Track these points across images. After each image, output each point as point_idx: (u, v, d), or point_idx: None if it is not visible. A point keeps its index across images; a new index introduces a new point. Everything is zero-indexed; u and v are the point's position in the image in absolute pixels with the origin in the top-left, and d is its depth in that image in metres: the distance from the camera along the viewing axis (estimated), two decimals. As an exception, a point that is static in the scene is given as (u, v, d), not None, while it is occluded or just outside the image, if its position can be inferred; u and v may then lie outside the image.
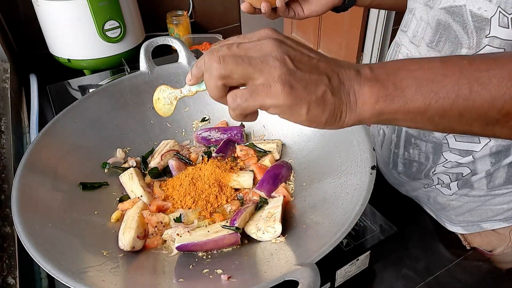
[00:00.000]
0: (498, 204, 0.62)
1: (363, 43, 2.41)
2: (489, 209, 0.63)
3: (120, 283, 0.47)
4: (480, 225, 0.65)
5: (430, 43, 0.58)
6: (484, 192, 0.61)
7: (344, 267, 0.55)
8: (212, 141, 0.73)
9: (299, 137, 0.69)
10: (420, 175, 0.66)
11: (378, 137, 0.74)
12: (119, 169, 0.67)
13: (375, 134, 0.76)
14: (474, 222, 0.65)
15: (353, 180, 0.53)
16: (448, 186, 0.64)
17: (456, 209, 0.65)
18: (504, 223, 0.63)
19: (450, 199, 0.65)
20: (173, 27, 1.37)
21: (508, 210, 0.62)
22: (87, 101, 0.69)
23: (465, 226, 0.66)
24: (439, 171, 0.64)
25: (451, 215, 0.66)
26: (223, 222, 0.56)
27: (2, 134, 0.80)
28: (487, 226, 0.64)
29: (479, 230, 0.65)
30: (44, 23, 1.13)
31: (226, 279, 0.46)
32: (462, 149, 0.59)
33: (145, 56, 0.74)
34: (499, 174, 0.59)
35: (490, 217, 0.64)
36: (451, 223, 0.68)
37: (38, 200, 0.53)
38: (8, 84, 0.99)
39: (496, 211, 0.62)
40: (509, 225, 0.63)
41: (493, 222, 0.64)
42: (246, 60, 0.33)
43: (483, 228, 0.65)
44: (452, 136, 0.59)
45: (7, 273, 0.55)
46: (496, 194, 0.61)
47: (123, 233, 0.55)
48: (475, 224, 0.65)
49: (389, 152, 0.70)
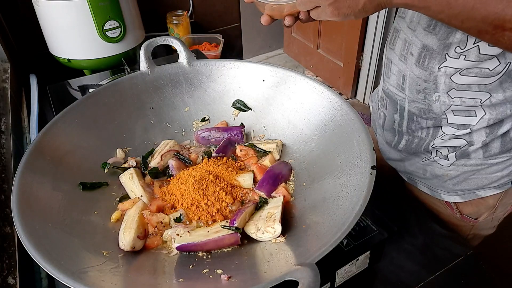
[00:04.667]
0: (493, 172, 0.66)
1: (363, 43, 2.41)
2: (485, 177, 0.67)
3: (120, 283, 0.47)
4: (476, 192, 0.69)
5: (427, 27, 0.62)
6: (480, 161, 0.66)
7: (344, 267, 0.55)
8: (212, 141, 0.73)
9: (299, 137, 0.69)
10: (420, 149, 0.71)
11: (379, 119, 0.79)
12: (119, 169, 0.67)
13: (376, 118, 0.81)
14: (470, 190, 0.69)
15: (353, 180, 0.53)
16: (446, 157, 0.68)
17: (453, 179, 0.69)
18: (497, 189, 0.68)
19: (447, 170, 0.69)
20: (173, 27, 1.37)
21: (502, 178, 0.67)
22: (87, 101, 0.69)
23: (462, 195, 0.70)
24: (438, 144, 0.68)
25: (448, 185, 0.70)
26: (223, 222, 0.56)
27: (2, 134, 0.80)
28: (481, 194, 0.69)
29: (475, 197, 0.69)
30: (44, 23, 1.13)
31: (226, 279, 0.46)
32: (460, 123, 0.64)
33: (145, 56, 0.74)
34: (495, 144, 0.64)
35: (485, 185, 0.68)
36: (447, 193, 0.72)
37: (38, 200, 0.53)
38: (8, 84, 0.99)
39: (491, 179, 0.67)
40: (500, 191, 0.68)
41: (487, 189, 0.68)
42: None
43: (478, 196, 0.69)
44: (451, 111, 0.64)
45: (7, 273, 0.55)
46: (491, 163, 0.65)
47: (123, 233, 0.55)
48: (471, 192, 0.69)
49: (392, 131, 0.75)
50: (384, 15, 2.19)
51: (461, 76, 0.61)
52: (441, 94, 0.64)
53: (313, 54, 2.86)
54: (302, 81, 0.69)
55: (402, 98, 0.71)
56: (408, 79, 0.69)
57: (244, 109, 0.76)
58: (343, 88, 2.70)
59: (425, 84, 0.66)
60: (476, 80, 0.61)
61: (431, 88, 0.65)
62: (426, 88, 0.66)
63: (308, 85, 0.68)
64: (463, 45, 0.59)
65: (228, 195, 0.60)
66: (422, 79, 0.66)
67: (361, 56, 2.47)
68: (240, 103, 0.76)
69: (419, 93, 0.67)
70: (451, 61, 0.61)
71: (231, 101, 0.76)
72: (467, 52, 0.59)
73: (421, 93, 0.67)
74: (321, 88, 0.67)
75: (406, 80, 0.69)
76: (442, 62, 0.62)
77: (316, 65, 2.89)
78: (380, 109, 0.77)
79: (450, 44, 0.60)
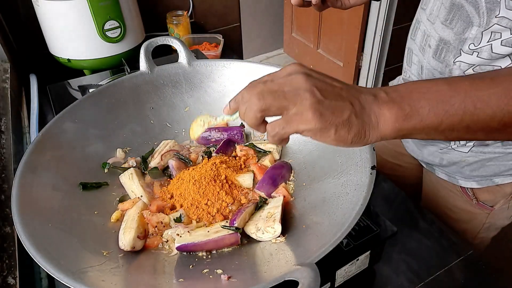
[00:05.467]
0: (510, 160, 0.67)
1: (363, 43, 2.41)
2: (502, 164, 0.68)
3: (120, 283, 0.47)
4: (493, 179, 0.70)
5: (444, 21, 0.64)
6: (499, 149, 0.66)
7: (344, 267, 0.55)
8: (212, 141, 0.73)
9: (299, 137, 0.69)
10: None
11: None
12: (119, 169, 0.67)
13: None
14: (487, 177, 0.70)
15: (353, 180, 0.53)
16: (465, 145, 0.69)
17: (471, 165, 0.70)
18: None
19: (465, 157, 0.69)
20: (173, 27, 1.37)
21: None
22: (87, 101, 0.69)
23: (479, 181, 0.71)
24: None
25: (465, 171, 0.71)
26: (223, 222, 0.56)
27: (2, 134, 0.80)
28: (498, 181, 0.70)
29: (491, 184, 0.70)
30: (44, 23, 1.13)
31: (226, 279, 0.46)
32: None
33: (145, 56, 0.74)
34: None
35: (502, 172, 0.68)
36: (465, 179, 0.73)
37: (38, 200, 0.53)
38: (8, 84, 0.99)
39: (509, 166, 0.67)
40: None
41: (504, 176, 0.69)
42: (281, 95, 0.38)
43: (495, 183, 0.70)
44: None
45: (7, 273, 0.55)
46: (509, 152, 0.66)
47: (124, 233, 0.55)
48: (488, 179, 0.70)
49: None
50: (384, 15, 2.19)
51: (474, 72, 0.63)
52: None
53: (313, 54, 2.86)
54: (302, 81, 0.69)
55: None
56: (425, 70, 0.71)
57: (244, 109, 0.76)
58: (343, 88, 2.70)
59: (440, 76, 0.68)
60: None
61: None
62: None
63: (308, 85, 0.68)
64: (477, 42, 0.60)
65: (228, 195, 0.60)
66: (438, 71, 0.68)
67: (361, 56, 2.47)
68: (240, 103, 0.76)
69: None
70: (465, 57, 0.62)
71: (231, 101, 0.76)
72: (480, 49, 0.60)
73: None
74: (321, 88, 0.66)
75: (423, 71, 0.72)
76: (457, 57, 0.63)
77: (316, 65, 2.89)
78: None
79: (465, 39, 0.61)
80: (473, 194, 0.73)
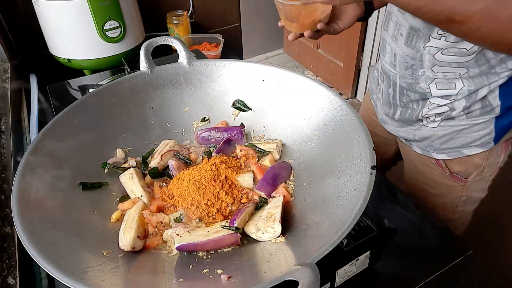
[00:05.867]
0: (475, 131, 0.75)
1: (363, 43, 2.41)
2: (468, 136, 0.76)
3: (120, 283, 0.47)
4: (461, 151, 0.78)
5: None
6: (464, 121, 0.75)
7: (344, 267, 0.55)
8: (212, 141, 0.73)
9: (299, 137, 0.69)
10: (412, 118, 0.81)
11: (379, 93, 0.89)
12: (119, 169, 0.67)
13: (376, 93, 0.91)
14: (456, 148, 0.78)
15: (353, 180, 0.53)
16: (434, 121, 0.78)
17: (440, 138, 0.79)
18: (480, 148, 0.77)
19: (435, 131, 0.79)
20: (173, 27, 1.37)
21: (484, 136, 0.75)
22: (87, 101, 0.69)
23: (448, 153, 0.79)
24: (426, 113, 0.78)
25: (436, 144, 0.80)
26: (223, 222, 0.56)
27: (2, 134, 0.80)
28: (467, 152, 0.78)
29: (460, 155, 0.78)
30: (44, 23, 1.13)
31: (226, 279, 0.46)
32: (443, 94, 0.74)
33: (145, 56, 0.74)
34: (475, 108, 0.73)
35: (469, 143, 0.76)
36: (436, 152, 0.81)
37: (38, 200, 0.53)
38: (8, 84, 0.99)
39: (474, 137, 0.76)
40: (484, 151, 0.77)
41: (471, 147, 0.77)
42: None
43: (463, 154, 0.78)
44: (434, 84, 0.74)
45: (7, 273, 0.55)
46: (474, 123, 0.74)
47: (124, 233, 0.55)
48: (456, 150, 0.78)
49: (389, 104, 0.85)
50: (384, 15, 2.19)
51: (442, 54, 0.70)
52: (426, 70, 0.74)
53: (313, 54, 2.86)
54: (302, 81, 0.69)
55: (394, 74, 0.81)
56: (398, 57, 0.78)
57: (244, 109, 0.76)
58: (343, 88, 2.70)
59: (412, 61, 0.75)
60: (455, 58, 0.70)
61: (417, 64, 0.75)
62: (413, 65, 0.75)
63: (308, 85, 0.68)
64: None
65: (228, 195, 0.60)
66: (410, 57, 0.75)
67: (361, 56, 2.47)
68: (240, 103, 0.76)
69: (407, 69, 0.77)
70: (434, 41, 0.70)
71: (231, 101, 0.76)
72: (447, 34, 0.67)
73: (409, 69, 0.77)
74: (321, 88, 0.67)
75: (397, 58, 0.79)
76: (427, 42, 0.71)
77: (316, 65, 2.89)
78: (380, 84, 0.88)
79: (433, 26, 0.68)
80: (446, 166, 0.81)
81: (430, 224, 0.72)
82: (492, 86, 0.70)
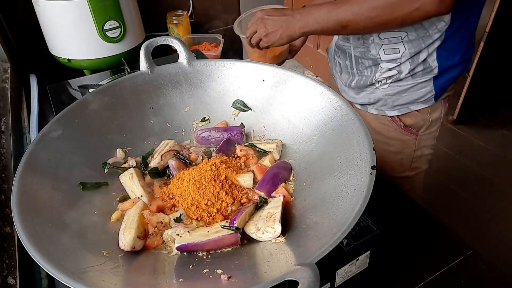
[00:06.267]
0: (419, 89, 0.87)
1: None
2: (414, 94, 0.88)
3: (120, 283, 0.47)
4: (409, 106, 0.91)
5: None
6: (410, 81, 0.87)
7: (344, 267, 0.55)
8: (212, 141, 0.73)
9: (299, 137, 0.69)
10: (367, 83, 0.92)
11: (336, 67, 1.02)
12: (119, 169, 0.67)
13: (334, 67, 1.05)
14: (405, 105, 0.91)
15: (353, 180, 0.53)
16: (385, 83, 0.90)
17: (392, 97, 0.91)
18: (423, 104, 0.90)
19: (386, 91, 0.90)
20: (173, 27, 1.37)
21: (426, 94, 0.88)
22: (87, 101, 0.69)
23: (399, 109, 0.92)
24: (378, 77, 0.89)
25: (388, 103, 0.92)
26: (223, 222, 0.56)
27: (2, 134, 0.80)
28: (413, 107, 0.90)
29: (408, 111, 0.91)
30: (44, 23, 1.13)
31: (226, 279, 0.46)
32: (390, 59, 0.86)
33: (145, 56, 0.74)
34: (418, 70, 0.85)
35: (415, 100, 0.89)
36: (389, 109, 0.93)
37: (38, 200, 0.53)
38: (8, 84, 0.99)
39: (418, 95, 0.88)
40: (427, 106, 0.90)
41: (417, 104, 0.90)
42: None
43: (411, 109, 0.91)
44: (382, 50, 0.86)
45: (7, 273, 0.55)
46: (418, 82, 0.87)
47: (124, 233, 0.55)
48: (405, 107, 0.91)
49: (347, 73, 0.97)
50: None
51: None
52: (374, 37, 0.85)
53: (313, 54, 2.85)
54: (302, 81, 0.69)
55: (348, 46, 0.93)
56: None
57: (244, 109, 0.76)
58: (343, 88, 2.70)
59: None
60: None
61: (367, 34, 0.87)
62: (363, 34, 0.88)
63: (308, 85, 0.68)
64: None
65: (228, 195, 0.60)
66: None
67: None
68: (240, 103, 0.76)
69: (359, 39, 0.89)
70: None
71: (231, 101, 0.76)
72: None
73: (361, 39, 0.88)
74: (321, 88, 0.67)
75: None
76: None
77: (316, 65, 2.89)
78: (336, 59, 1.01)
79: None
80: (400, 120, 0.93)
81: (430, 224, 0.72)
82: (430, 49, 0.82)
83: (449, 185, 1.92)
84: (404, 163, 0.99)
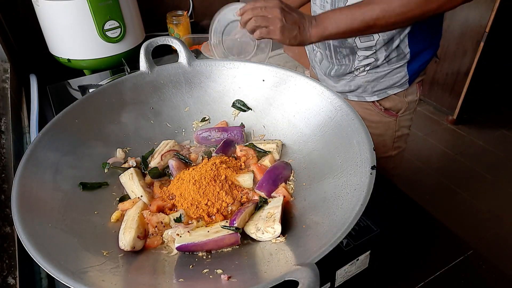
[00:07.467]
0: (394, 75, 0.92)
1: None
2: (390, 79, 0.93)
3: (120, 283, 0.47)
4: (386, 91, 0.95)
5: None
6: (386, 67, 0.92)
7: (344, 267, 0.55)
8: (212, 141, 0.73)
9: (299, 137, 0.69)
10: (346, 71, 0.96)
11: (316, 58, 1.05)
12: (119, 169, 0.67)
13: (314, 58, 1.09)
14: (383, 90, 0.95)
15: (353, 180, 0.53)
16: (364, 70, 0.94)
17: (370, 83, 0.95)
18: (399, 88, 0.94)
19: (365, 78, 0.95)
20: (173, 27, 1.37)
21: (401, 79, 0.93)
22: (87, 101, 0.69)
23: (378, 94, 0.96)
24: (356, 65, 0.93)
25: (368, 89, 0.96)
26: (223, 222, 0.56)
27: (2, 134, 0.80)
28: (390, 92, 0.95)
29: (386, 95, 0.96)
30: (44, 23, 1.13)
31: (226, 279, 0.46)
32: (366, 46, 0.89)
33: (145, 56, 0.74)
34: (392, 56, 0.90)
35: (392, 85, 0.94)
36: (369, 95, 0.97)
37: (38, 200, 0.53)
38: (8, 84, 0.99)
39: (394, 80, 0.93)
40: (402, 90, 0.95)
41: (393, 88, 0.94)
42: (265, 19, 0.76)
43: (388, 94, 0.95)
44: (358, 38, 0.88)
45: (7, 273, 0.55)
46: (393, 68, 0.91)
47: (124, 233, 0.55)
48: (383, 92, 0.95)
49: (327, 63, 1.00)
50: None
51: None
52: None
53: (313, 54, 2.85)
54: (302, 81, 0.69)
55: None
56: None
57: (244, 109, 0.76)
58: (343, 88, 2.70)
59: None
60: None
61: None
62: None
63: (308, 85, 0.68)
64: None
65: (228, 195, 0.60)
66: None
67: (361, 56, 2.47)
68: (240, 103, 0.76)
69: None
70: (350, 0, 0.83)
71: (231, 101, 0.76)
72: None
73: None
74: (321, 88, 0.67)
75: None
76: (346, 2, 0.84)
77: (316, 65, 2.89)
78: (316, 50, 1.04)
79: None
80: (380, 104, 0.97)
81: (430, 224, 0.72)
82: (402, 35, 0.86)
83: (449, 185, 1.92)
84: (387, 144, 1.04)
